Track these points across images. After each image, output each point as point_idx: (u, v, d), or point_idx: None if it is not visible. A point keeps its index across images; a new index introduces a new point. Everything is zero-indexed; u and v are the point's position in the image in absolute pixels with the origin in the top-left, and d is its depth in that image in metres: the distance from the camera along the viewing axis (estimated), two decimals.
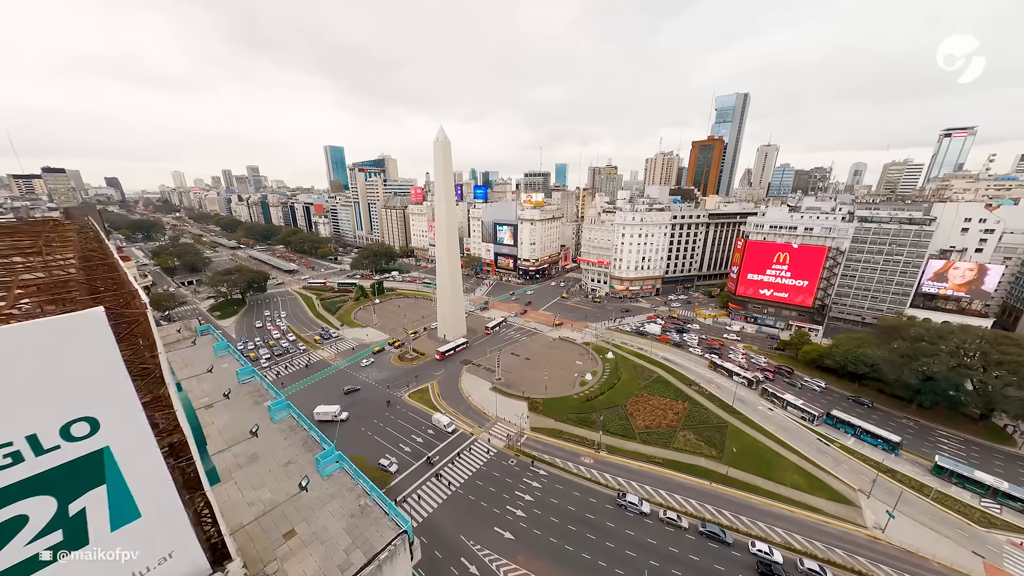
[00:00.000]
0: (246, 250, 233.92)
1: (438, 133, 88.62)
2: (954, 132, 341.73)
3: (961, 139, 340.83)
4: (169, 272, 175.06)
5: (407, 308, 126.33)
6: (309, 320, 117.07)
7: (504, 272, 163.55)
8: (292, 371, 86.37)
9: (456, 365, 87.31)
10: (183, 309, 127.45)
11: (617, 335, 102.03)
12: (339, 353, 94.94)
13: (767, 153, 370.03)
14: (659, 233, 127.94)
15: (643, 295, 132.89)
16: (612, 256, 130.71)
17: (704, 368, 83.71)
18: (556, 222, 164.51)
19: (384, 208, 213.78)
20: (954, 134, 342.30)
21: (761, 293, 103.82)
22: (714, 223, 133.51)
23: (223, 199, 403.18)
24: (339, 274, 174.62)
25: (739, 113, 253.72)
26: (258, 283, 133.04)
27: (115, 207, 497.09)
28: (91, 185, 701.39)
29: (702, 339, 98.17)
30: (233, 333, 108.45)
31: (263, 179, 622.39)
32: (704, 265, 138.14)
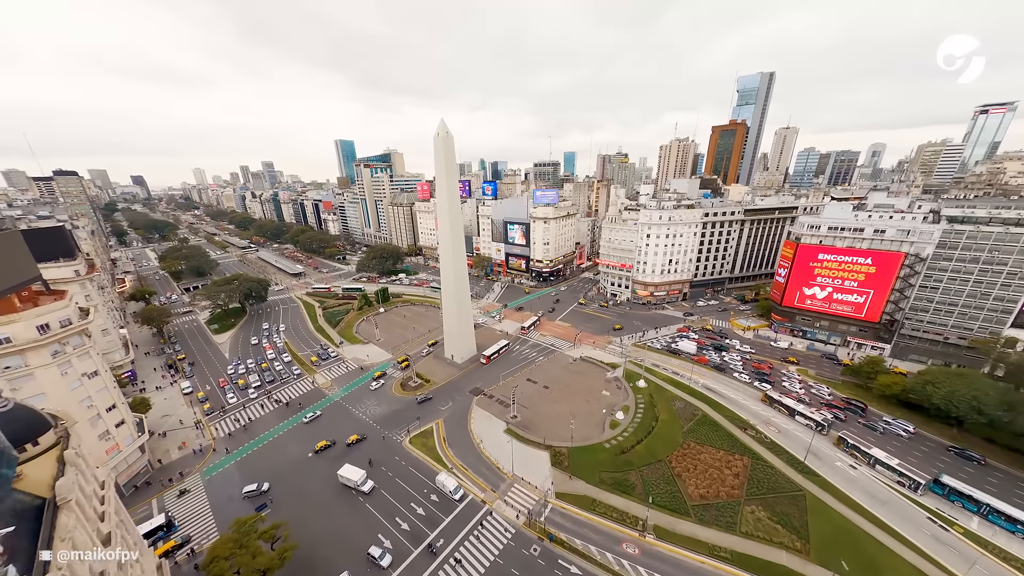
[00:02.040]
0: (256, 250, 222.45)
1: (439, 127, 72.14)
2: (991, 108, 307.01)
3: (999, 115, 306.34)
4: (176, 276, 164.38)
5: (413, 318, 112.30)
6: (308, 335, 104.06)
7: (516, 273, 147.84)
8: (272, 411, 73.07)
9: (465, 396, 73.20)
10: (181, 321, 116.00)
11: (645, 353, 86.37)
12: (336, 379, 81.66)
13: (785, 136, 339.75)
14: (688, 233, 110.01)
15: (668, 300, 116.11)
16: (635, 259, 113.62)
17: (756, 402, 67.86)
18: (571, 219, 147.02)
19: (391, 205, 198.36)
20: (991, 110, 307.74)
21: (813, 305, 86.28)
22: (749, 220, 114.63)
23: (238, 196, 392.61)
24: (345, 276, 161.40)
25: (763, 95, 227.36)
26: (257, 293, 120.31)
27: (139, 205, 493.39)
28: (118, 183, 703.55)
29: (746, 360, 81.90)
30: (227, 351, 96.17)
31: (279, 174, 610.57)
32: (737, 267, 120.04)
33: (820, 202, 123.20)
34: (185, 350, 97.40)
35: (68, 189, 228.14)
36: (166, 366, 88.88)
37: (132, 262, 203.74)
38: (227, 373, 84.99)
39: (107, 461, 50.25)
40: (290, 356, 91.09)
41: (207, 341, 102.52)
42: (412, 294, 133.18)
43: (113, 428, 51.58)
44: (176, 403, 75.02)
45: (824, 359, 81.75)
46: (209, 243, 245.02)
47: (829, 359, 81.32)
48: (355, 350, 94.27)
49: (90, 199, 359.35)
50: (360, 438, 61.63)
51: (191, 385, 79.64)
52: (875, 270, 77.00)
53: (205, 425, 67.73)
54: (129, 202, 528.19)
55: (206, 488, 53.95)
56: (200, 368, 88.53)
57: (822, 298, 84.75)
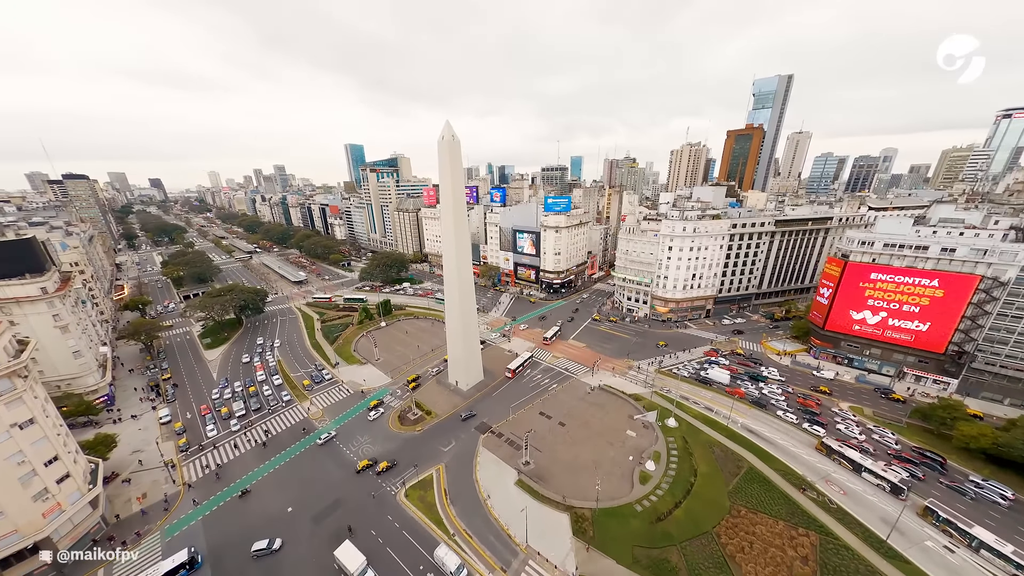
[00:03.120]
0: (261, 255, 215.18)
1: (443, 130, 62.38)
2: (1015, 112, 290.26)
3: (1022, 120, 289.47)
4: (177, 283, 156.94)
5: (416, 334, 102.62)
6: (304, 352, 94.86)
7: (525, 284, 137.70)
8: (250, 450, 63.59)
9: (470, 434, 63.16)
10: (174, 334, 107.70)
11: (671, 383, 75.65)
12: (329, 408, 72.12)
13: (798, 141, 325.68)
14: (713, 245, 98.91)
15: (690, 318, 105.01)
16: (655, 273, 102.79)
17: (810, 450, 56.85)
18: (583, 228, 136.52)
19: (396, 211, 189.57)
20: (1015, 115, 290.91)
21: (863, 330, 74.82)
22: (780, 231, 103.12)
23: (249, 199, 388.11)
24: (348, 284, 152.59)
25: (781, 98, 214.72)
26: (253, 304, 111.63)
27: (154, 207, 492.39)
28: (137, 186, 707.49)
29: (788, 393, 70.75)
30: (216, 371, 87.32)
31: (290, 177, 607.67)
32: (765, 282, 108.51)
33: (855, 211, 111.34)
34: (172, 368, 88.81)
35: (78, 192, 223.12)
36: (149, 387, 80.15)
37: (137, 266, 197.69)
38: (211, 399, 75.94)
39: (43, 527, 41.10)
40: (281, 378, 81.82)
41: (197, 358, 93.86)
42: (416, 306, 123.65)
43: (53, 484, 42.38)
44: (151, 434, 66.04)
45: (880, 395, 70.20)
46: (216, 247, 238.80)
47: (883, 395, 69.82)
48: (352, 371, 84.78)
49: (105, 201, 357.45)
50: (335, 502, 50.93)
51: (170, 413, 70.72)
52: (942, 294, 65.46)
53: (178, 465, 58.54)
54: (145, 204, 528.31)
55: (164, 553, 44.52)
56: (184, 391, 79.69)
57: (874, 323, 73.27)
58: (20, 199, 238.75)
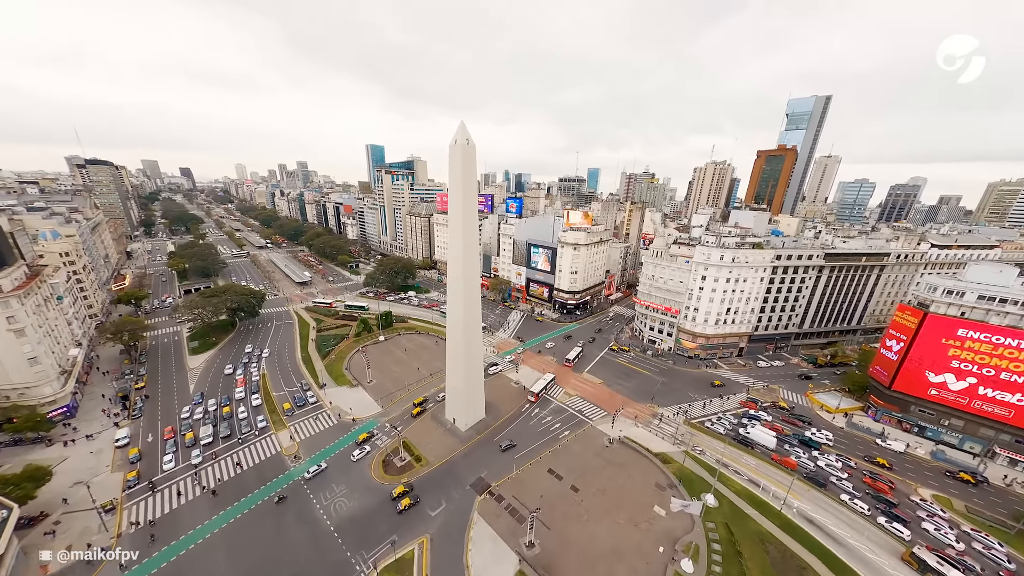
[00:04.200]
0: (272, 250, 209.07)
1: (457, 133, 52.02)
2: None
3: None
4: (182, 275, 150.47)
5: (416, 352, 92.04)
6: (292, 366, 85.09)
7: (536, 301, 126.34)
8: (200, 496, 53.44)
9: (464, 493, 51.84)
10: (162, 333, 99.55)
11: (704, 440, 63.12)
12: (307, 442, 61.71)
13: (826, 165, 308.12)
14: (753, 277, 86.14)
15: (721, 356, 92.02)
16: (684, 303, 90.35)
17: (894, 560, 43.76)
18: (603, 246, 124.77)
19: (409, 215, 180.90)
20: None
21: (943, 396, 61.17)
22: (829, 266, 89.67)
23: (269, 193, 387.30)
24: (352, 289, 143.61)
25: (816, 120, 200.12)
26: (248, 308, 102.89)
27: (180, 196, 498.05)
28: (167, 174, 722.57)
29: (851, 469, 57.51)
30: (194, 382, 78.06)
31: (312, 174, 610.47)
32: (808, 321, 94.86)
33: (914, 248, 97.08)
34: (149, 375, 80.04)
35: (99, 178, 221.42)
36: (117, 398, 71.15)
37: (148, 255, 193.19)
38: (180, 418, 66.42)
39: None
40: (261, 398, 71.87)
41: (178, 364, 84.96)
42: (419, 318, 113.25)
43: None
44: (102, 460, 56.58)
45: (970, 487, 56.30)
46: (229, 239, 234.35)
47: (973, 482, 55.89)
48: (340, 395, 74.42)
49: (131, 188, 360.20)
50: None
51: (129, 434, 61.27)
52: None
53: (119, 508, 48.63)
54: (173, 192, 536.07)
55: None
56: (154, 405, 70.46)
57: (958, 389, 59.64)
58: (50, 181, 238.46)
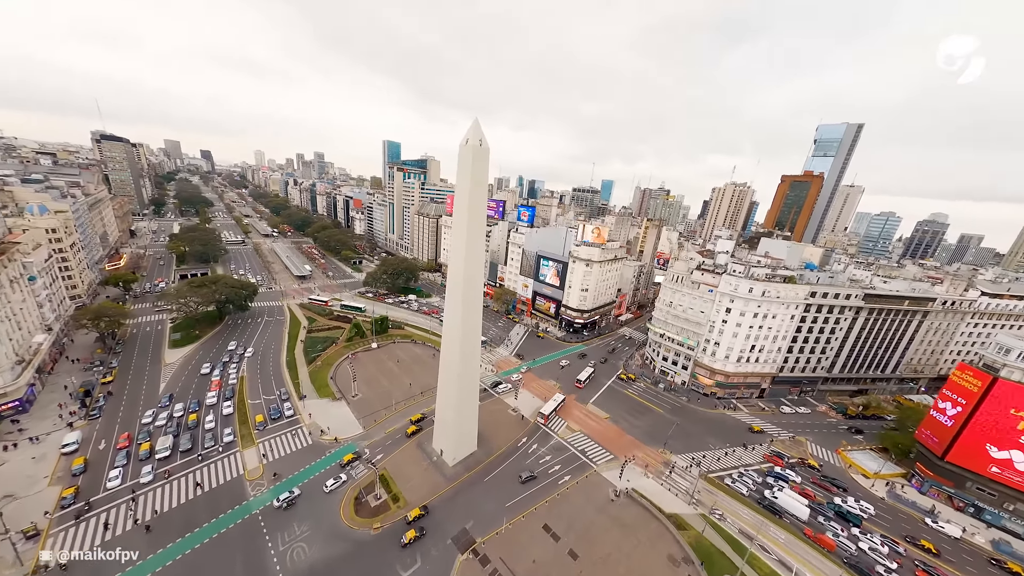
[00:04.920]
0: (277, 240, 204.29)
1: (469, 132, 44.98)
2: None
3: None
4: (181, 260, 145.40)
5: (410, 365, 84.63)
6: (274, 371, 78.13)
7: (542, 317, 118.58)
8: (132, 530, 46.31)
9: (444, 549, 44.02)
10: (145, 321, 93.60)
11: (724, 498, 54.67)
12: (274, 464, 54.43)
13: (848, 194, 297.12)
14: (783, 314, 77.61)
15: (740, 396, 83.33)
16: (703, 335, 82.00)
17: None
18: (616, 264, 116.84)
19: (417, 214, 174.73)
20: None
21: (1006, 476, 52.14)
22: (867, 307, 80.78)
23: (282, 181, 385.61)
24: (352, 287, 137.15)
25: (846, 148, 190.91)
26: (238, 301, 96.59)
27: (197, 178, 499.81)
28: (188, 155, 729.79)
29: (899, 556, 48.64)
30: (166, 380, 71.46)
31: (329, 165, 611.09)
32: (838, 365, 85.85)
33: (960, 294, 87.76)
34: (122, 368, 73.74)
35: (113, 154, 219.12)
36: (79, 393, 64.63)
37: (153, 235, 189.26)
38: (141, 422, 59.68)
39: None
40: (233, 407, 64.87)
41: (155, 358, 78.62)
42: (416, 325, 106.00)
43: None
44: (42, 470, 49.84)
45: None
46: (237, 224, 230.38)
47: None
48: (320, 409, 67.15)
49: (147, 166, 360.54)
50: None
51: (79, 439, 54.51)
52: None
53: (43, 535, 41.62)
54: (191, 174, 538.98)
55: None
56: (117, 404, 63.91)
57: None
58: (67, 154, 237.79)
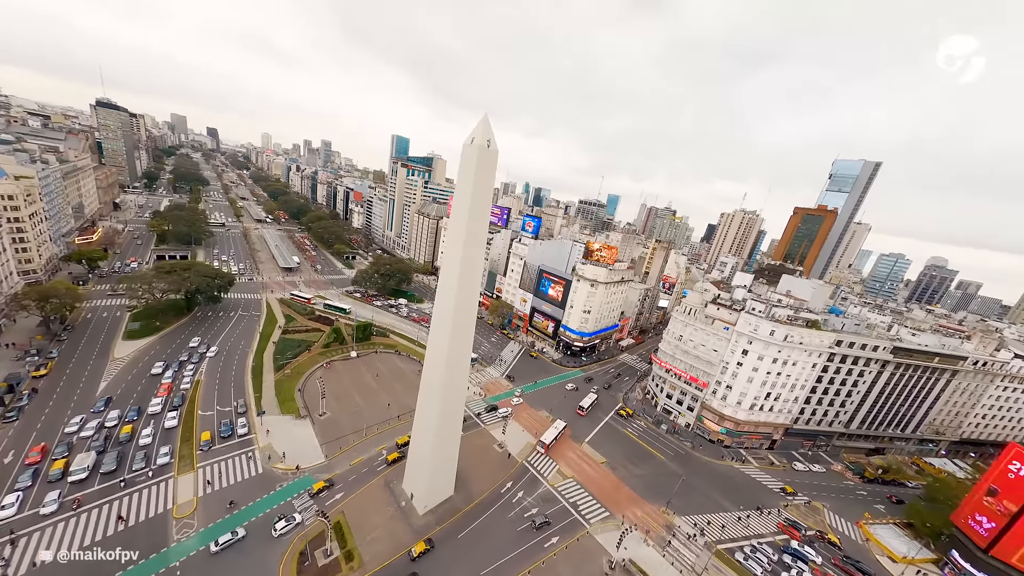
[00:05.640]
0: (269, 226, 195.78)
1: (475, 131, 37.68)
2: None
3: None
4: (161, 239, 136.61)
5: (389, 380, 76.43)
6: (236, 377, 69.57)
7: (538, 335, 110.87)
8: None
9: None
10: (103, 305, 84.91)
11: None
12: (213, 498, 45.96)
13: (855, 231, 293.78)
14: (805, 362, 70.50)
15: (749, 446, 75.79)
16: (715, 376, 74.64)
17: None
18: (623, 286, 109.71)
19: (417, 213, 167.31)
20: None
21: None
22: (894, 362, 73.91)
23: (285, 166, 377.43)
24: (340, 284, 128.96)
25: (862, 185, 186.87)
26: (207, 292, 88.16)
27: (200, 155, 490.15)
28: (193, 131, 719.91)
29: None
30: (109, 379, 62.82)
31: (335, 154, 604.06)
32: (856, 421, 78.75)
33: (990, 353, 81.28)
34: (62, 359, 65.12)
35: (108, 122, 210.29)
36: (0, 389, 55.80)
37: (139, 209, 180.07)
38: (65, 431, 51.03)
39: None
40: (179, 419, 56.37)
41: (103, 350, 69.98)
42: (403, 334, 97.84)
43: None
44: None
45: None
46: (231, 207, 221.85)
47: None
48: (281, 428, 58.71)
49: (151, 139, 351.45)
50: None
51: None
52: None
53: None
54: (194, 150, 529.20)
55: None
56: (43, 403, 55.25)
57: None
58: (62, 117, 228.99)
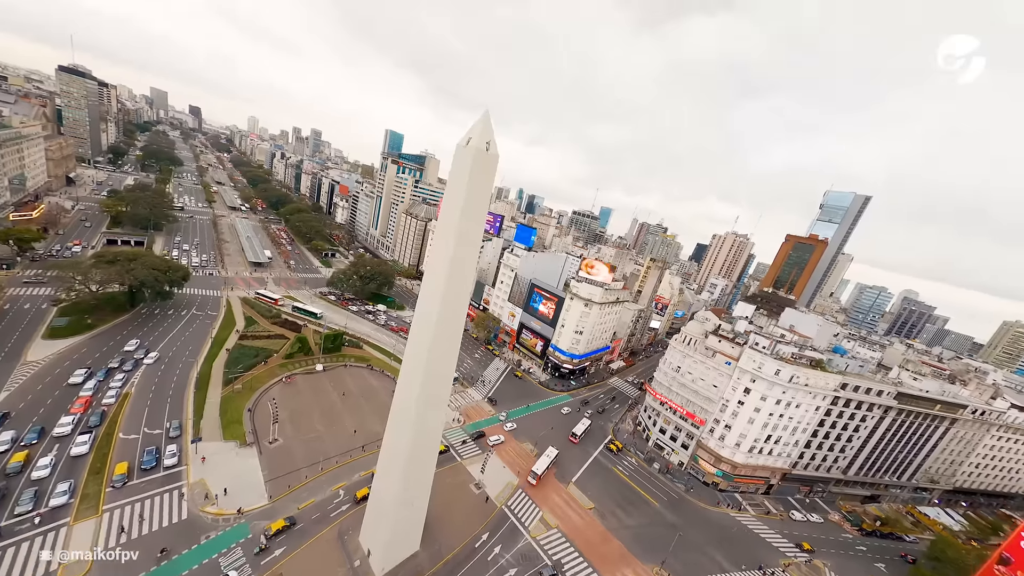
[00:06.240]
0: (243, 214, 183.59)
1: (472, 130, 31.33)
2: None
3: None
4: (116, 221, 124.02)
5: (357, 400, 68.35)
6: (175, 391, 60.21)
7: (525, 353, 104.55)
8: None
9: None
10: (22, 295, 73.79)
11: None
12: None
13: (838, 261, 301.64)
14: (809, 404, 66.53)
15: (745, 491, 71.05)
16: (713, 414, 69.86)
17: None
18: (617, 306, 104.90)
19: (405, 213, 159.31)
20: None
21: None
22: (896, 408, 70.93)
23: (270, 152, 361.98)
24: (315, 284, 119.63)
25: (851, 217, 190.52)
26: (154, 286, 78.05)
27: (178, 133, 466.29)
28: (174, 108, 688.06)
29: None
30: (17, 386, 52.75)
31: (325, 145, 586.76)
32: (855, 466, 75.34)
33: (986, 401, 79.74)
34: None
35: (71, 89, 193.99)
36: None
37: (97, 186, 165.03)
38: None
39: None
40: (92, 443, 47.04)
41: (14, 351, 59.57)
42: (379, 345, 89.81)
43: None
44: None
45: None
46: (204, 191, 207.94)
47: None
48: (221, 458, 49.97)
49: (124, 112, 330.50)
50: None
51: None
52: None
53: None
54: (173, 128, 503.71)
55: None
56: None
57: None
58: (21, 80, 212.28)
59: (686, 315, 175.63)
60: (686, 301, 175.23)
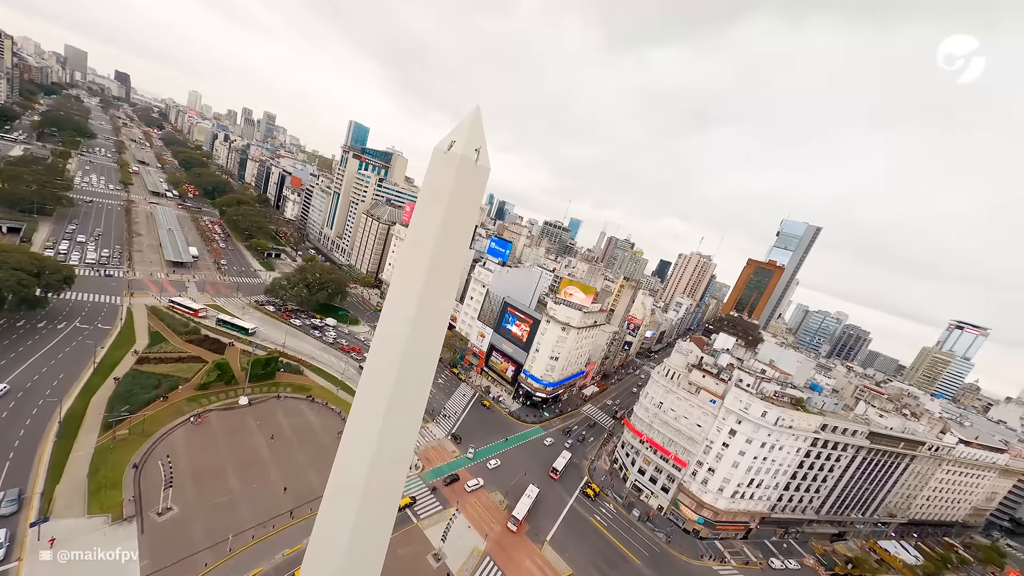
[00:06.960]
0: (167, 202, 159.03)
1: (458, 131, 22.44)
2: (967, 327, 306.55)
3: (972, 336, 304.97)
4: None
5: (291, 444, 56.14)
6: (25, 440, 45.03)
7: (495, 378, 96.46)
8: None
9: None
10: None
11: None
12: None
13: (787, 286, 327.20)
14: (791, 446, 64.85)
15: (724, 537, 67.77)
16: (696, 456, 66.09)
17: None
18: (595, 329, 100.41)
19: (366, 214, 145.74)
20: (966, 329, 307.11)
21: None
22: (867, 447, 71.79)
23: (211, 133, 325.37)
24: (254, 291, 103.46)
25: (804, 246, 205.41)
26: (17, 292, 60.57)
27: (97, 100, 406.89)
28: (95, 70, 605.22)
29: None
30: None
31: (279, 130, 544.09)
32: (827, 505, 75.26)
33: (934, 435, 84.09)
34: None
35: None
36: None
37: None
38: None
39: None
40: None
41: None
42: (323, 370, 77.33)
43: None
44: None
45: None
46: (120, 169, 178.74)
47: None
48: (75, 543, 36.46)
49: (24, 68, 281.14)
50: None
51: None
52: None
53: None
54: (92, 94, 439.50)
55: None
56: None
57: None
58: None
59: (655, 335, 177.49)
60: (656, 321, 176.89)
